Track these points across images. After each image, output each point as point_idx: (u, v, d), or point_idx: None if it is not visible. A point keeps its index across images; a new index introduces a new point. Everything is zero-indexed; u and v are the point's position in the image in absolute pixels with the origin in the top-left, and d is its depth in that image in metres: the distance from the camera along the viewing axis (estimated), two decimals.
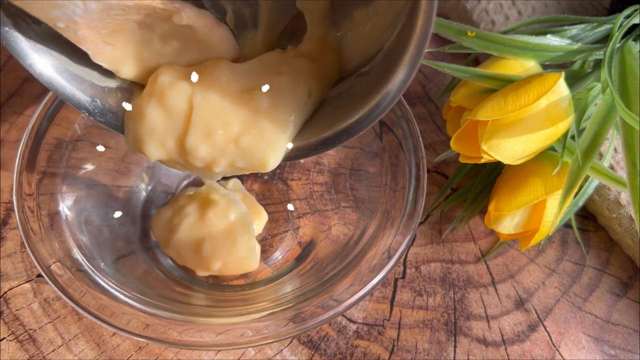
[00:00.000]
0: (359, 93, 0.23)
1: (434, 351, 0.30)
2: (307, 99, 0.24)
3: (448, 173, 0.36)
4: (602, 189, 0.33)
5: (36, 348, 0.29)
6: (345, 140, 0.23)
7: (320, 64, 0.25)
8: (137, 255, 0.30)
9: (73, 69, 0.24)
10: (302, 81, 0.24)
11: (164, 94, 0.23)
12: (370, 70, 0.24)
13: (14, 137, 0.35)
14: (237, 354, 0.29)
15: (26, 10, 0.19)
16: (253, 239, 0.30)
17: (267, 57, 0.25)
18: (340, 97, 0.25)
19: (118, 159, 0.31)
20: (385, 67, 0.21)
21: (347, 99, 0.24)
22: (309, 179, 0.34)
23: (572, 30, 0.32)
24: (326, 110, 0.25)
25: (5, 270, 0.31)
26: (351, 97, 0.24)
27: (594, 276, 0.33)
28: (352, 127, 0.23)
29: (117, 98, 0.25)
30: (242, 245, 0.29)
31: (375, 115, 0.22)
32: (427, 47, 0.18)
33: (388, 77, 0.21)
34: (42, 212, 0.26)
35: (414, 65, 0.19)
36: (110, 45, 0.22)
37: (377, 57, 0.23)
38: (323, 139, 0.24)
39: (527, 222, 0.30)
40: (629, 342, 0.31)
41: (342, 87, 0.25)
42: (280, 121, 0.24)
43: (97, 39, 0.21)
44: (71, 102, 0.24)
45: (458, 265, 0.33)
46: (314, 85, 0.24)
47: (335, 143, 0.24)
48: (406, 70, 0.20)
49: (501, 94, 0.28)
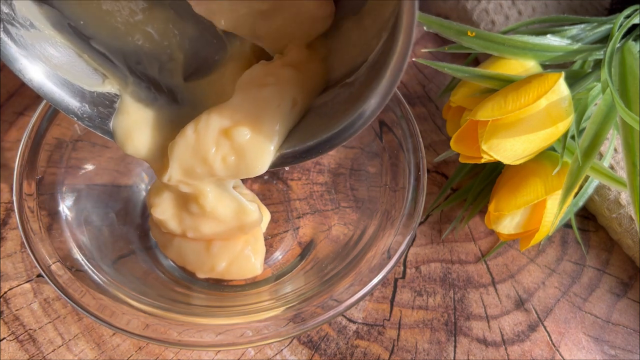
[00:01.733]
0: (342, 104, 0.24)
1: (434, 351, 0.30)
2: (291, 108, 0.25)
3: (448, 173, 0.36)
4: (602, 189, 0.33)
5: (36, 348, 0.29)
6: (329, 151, 0.24)
7: (306, 73, 0.25)
8: (137, 255, 0.30)
9: (62, 74, 0.24)
10: (287, 91, 0.24)
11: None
12: (354, 82, 0.24)
13: (14, 137, 0.35)
14: (237, 354, 0.29)
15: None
16: (261, 242, 0.30)
17: (253, 71, 0.25)
18: (326, 106, 0.25)
19: (118, 159, 0.31)
20: (369, 80, 0.21)
21: (331, 109, 0.24)
22: (309, 179, 0.34)
23: (572, 30, 0.32)
24: (311, 118, 0.25)
25: (5, 270, 0.31)
26: (335, 108, 0.24)
27: (594, 276, 0.33)
28: (334, 138, 0.23)
29: (106, 104, 0.26)
30: (249, 250, 0.29)
31: (355, 128, 0.22)
32: (407, 62, 0.18)
33: (370, 90, 0.21)
34: (42, 212, 0.26)
35: (394, 81, 0.19)
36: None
37: (361, 68, 0.23)
38: (307, 147, 0.24)
39: (527, 222, 0.30)
40: (629, 342, 0.31)
41: (328, 96, 0.25)
42: (266, 132, 0.24)
43: None
44: (60, 107, 0.24)
45: (458, 265, 0.33)
46: (298, 94, 0.25)
47: (319, 152, 0.24)
48: (387, 85, 0.20)
49: (501, 94, 0.28)
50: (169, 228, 0.28)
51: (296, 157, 0.25)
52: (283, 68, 0.25)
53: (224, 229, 0.28)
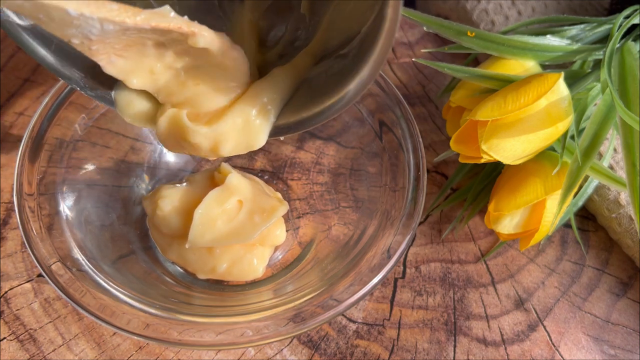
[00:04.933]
0: (335, 76, 0.24)
1: (433, 351, 0.30)
2: (286, 88, 0.26)
3: (448, 173, 0.36)
4: (601, 189, 0.33)
5: (37, 348, 0.29)
6: (322, 121, 0.24)
7: (299, 68, 0.26)
8: (137, 255, 0.30)
9: (65, 45, 0.24)
10: (281, 83, 0.25)
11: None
12: (348, 53, 0.24)
13: (14, 137, 0.35)
14: (237, 354, 0.29)
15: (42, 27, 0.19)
16: (269, 250, 0.30)
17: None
18: (319, 78, 0.26)
19: (118, 159, 0.31)
20: (361, 52, 0.22)
21: (324, 80, 0.25)
22: (309, 179, 0.34)
23: (571, 30, 0.32)
24: (305, 90, 0.26)
25: (5, 270, 0.31)
26: (328, 80, 0.25)
27: (593, 276, 0.33)
28: (326, 110, 0.24)
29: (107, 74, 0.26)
30: (252, 254, 0.30)
31: (346, 100, 0.23)
32: (394, 39, 0.19)
33: (361, 63, 0.21)
34: (43, 212, 0.26)
35: (381, 58, 0.20)
36: (122, 58, 0.22)
37: (355, 40, 0.24)
38: (302, 119, 0.25)
39: (527, 222, 0.30)
40: (629, 342, 0.31)
41: (322, 67, 0.26)
42: (262, 111, 0.25)
43: (110, 52, 0.22)
44: (63, 77, 0.25)
45: (458, 265, 0.33)
46: (291, 80, 0.26)
47: (313, 123, 0.25)
48: (375, 60, 0.21)
49: (501, 94, 0.28)
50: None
51: (290, 128, 0.25)
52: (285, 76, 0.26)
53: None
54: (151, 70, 0.23)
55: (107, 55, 0.22)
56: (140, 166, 0.32)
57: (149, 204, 0.30)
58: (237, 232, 0.29)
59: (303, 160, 0.35)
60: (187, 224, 0.29)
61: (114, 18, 0.19)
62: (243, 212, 0.29)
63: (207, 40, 0.21)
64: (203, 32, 0.21)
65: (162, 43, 0.22)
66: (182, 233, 0.29)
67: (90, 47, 0.21)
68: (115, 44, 0.21)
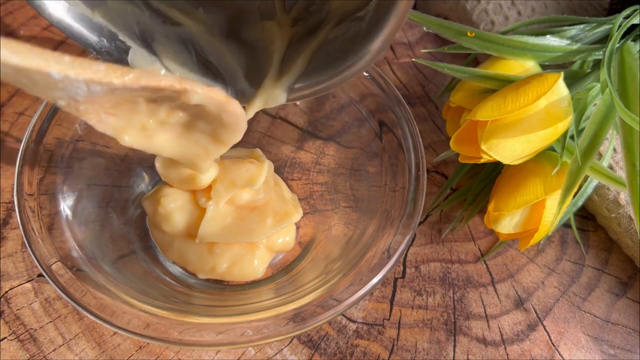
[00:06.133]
0: (350, 42, 0.24)
1: (433, 351, 0.30)
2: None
3: (448, 173, 0.36)
4: (601, 189, 0.33)
5: (37, 347, 0.29)
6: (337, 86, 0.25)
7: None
8: (137, 254, 0.30)
9: (81, 10, 0.24)
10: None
11: None
12: (364, 16, 0.24)
13: (15, 137, 0.35)
14: (238, 354, 0.29)
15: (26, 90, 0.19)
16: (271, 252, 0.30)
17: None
18: (337, 41, 0.26)
19: (118, 159, 0.31)
20: (377, 16, 0.22)
21: (341, 44, 0.25)
22: (309, 179, 0.34)
23: (571, 30, 0.32)
24: (322, 54, 0.26)
25: (6, 270, 0.31)
26: (344, 44, 0.25)
27: (593, 276, 0.33)
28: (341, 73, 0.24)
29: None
30: (253, 254, 0.30)
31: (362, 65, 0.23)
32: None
33: (378, 27, 0.21)
34: (43, 212, 0.26)
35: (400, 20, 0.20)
36: (113, 116, 0.22)
37: (371, 3, 0.24)
38: (317, 82, 0.26)
39: (527, 222, 0.30)
40: (628, 342, 0.31)
41: (340, 30, 0.26)
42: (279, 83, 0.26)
43: (100, 111, 0.21)
44: (79, 41, 0.25)
45: (458, 265, 0.33)
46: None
47: (331, 86, 0.25)
48: (393, 24, 0.20)
49: (500, 94, 0.28)
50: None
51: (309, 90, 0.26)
52: None
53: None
54: (143, 126, 0.23)
55: (97, 115, 0.21)
56: (140, 166, 0.33)
57: (150, 204, 0.30)
58: (247, 231, 0.29)
59: (303, 160, 0.35)
60: (189, 222, 0.29)
61: (100, 79, 0.18)
62: (256, 212, 0.29)
63: (200, 97, 0.21)
64: (196, 89, 0.20)
65: (154, 100, 0.22)
66: (184, 231, 0.29)
67: (78, 107, 0.20)
68: (104, 103, 0.20)
